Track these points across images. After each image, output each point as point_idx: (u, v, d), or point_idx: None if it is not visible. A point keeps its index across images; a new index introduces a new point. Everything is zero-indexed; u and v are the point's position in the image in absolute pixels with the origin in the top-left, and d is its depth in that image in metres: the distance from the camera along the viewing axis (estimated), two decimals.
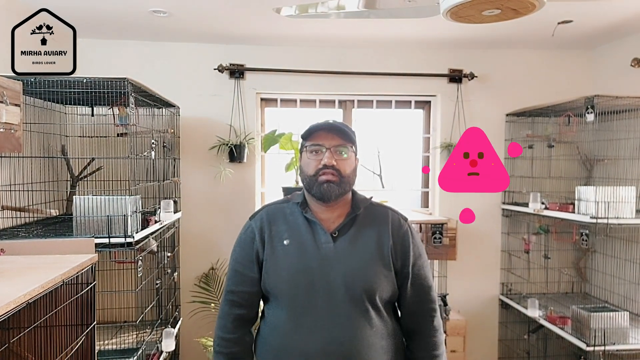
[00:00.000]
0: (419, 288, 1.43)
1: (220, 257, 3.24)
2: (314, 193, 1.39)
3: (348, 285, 1.33)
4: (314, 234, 1.40)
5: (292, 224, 1.44)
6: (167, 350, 2.53)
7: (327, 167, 1.37)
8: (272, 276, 1.39)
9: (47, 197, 2.56)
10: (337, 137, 1.40)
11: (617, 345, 2.56)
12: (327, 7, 1.72)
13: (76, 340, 1.56)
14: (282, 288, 1.37)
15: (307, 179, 1.42)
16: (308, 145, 1.42)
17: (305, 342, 1.32)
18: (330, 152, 1.38)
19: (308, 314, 1.34)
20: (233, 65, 3.22)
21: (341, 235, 1.40)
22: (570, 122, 3.08)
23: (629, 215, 2.55)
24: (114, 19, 2.72)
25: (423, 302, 1.44)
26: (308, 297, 1.34)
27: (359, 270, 1.35)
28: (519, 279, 3.42)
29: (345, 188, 1.40)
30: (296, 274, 1.36)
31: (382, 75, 3.33)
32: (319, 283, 1.34)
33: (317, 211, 1.43)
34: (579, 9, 2.54)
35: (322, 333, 1.31)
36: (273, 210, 1.50)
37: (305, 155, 1.43)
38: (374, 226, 1.43)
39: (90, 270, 1.60)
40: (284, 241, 1.41)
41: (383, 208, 1.51)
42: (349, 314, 1.33)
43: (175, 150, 3.06)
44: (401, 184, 3.54)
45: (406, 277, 1.42)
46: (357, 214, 1.44)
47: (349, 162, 1.41)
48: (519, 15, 1.48)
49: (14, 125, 1.88)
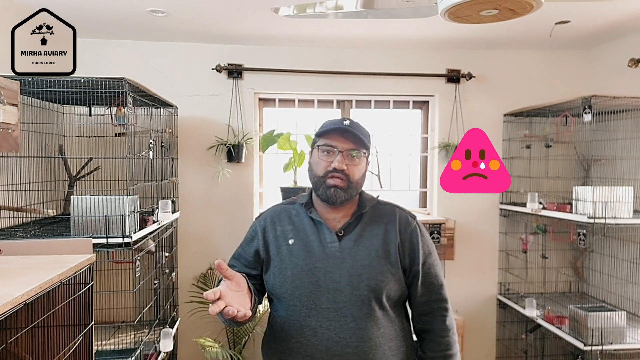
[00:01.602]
0: (430, 287, 1.41)
1: (219, 257, 3.22)
2: (320, 194, 1.38)
3: (353, 285, 1.32)
4: (320, 233, 1.39)
5: (297, 224, 1.43)
6: (165, 351, 2.52)
7: (336, 170, 1.35)
8: (277, 276, 1.37)
9: (44, 197, 2.55)
10: (351, 142, 1.37)
11: (615, 345, 2.57)
12: (325, 7, 1.72)
13: (74, 340, 1.56)
14: (286, 288, 1.35)
15: (315, 177, 1.40)
16: (321, 144, 1.40)
17: (310, 343, 1.30)
18: (342, 155, 1.36)
19: (313, 315, 1.32)
20: (231, 65, 3.22)
21: (347, 234, 1.39)
22: (568, 122, 3.09)
23: (626, 215, 2.56)
24: (111, 19, 2.72)
25: (434, 301, 1.42)
26: (313, 297, 1.32)
27: (365, 269, 1.33)
28: (516, 279, 3.42)
29: (352, 193, 1.39)
30: (301, 274, 1.34)
31: (380, 75, 3.33)
32: (324, 283, 1.32)
33: (323, 211, 1.42)
34: (576, 9, 2.54)
35: (327, 334, 1.30)
36: (279, 211, 1.49)
37: (316, 154, 1.41)
38: (380, 224, 1.41)
39: (88, 271, 1.60)
40: (289, 241, 1.39)
41: (390, 206, 1.49)
42: (354, 314, 1.31)
43: (173, 150, 3.06)
44: (399, 184, 3.54)
45: (416, 275, 1.40)
46: (363, 213, 1.42)
47: (360, 167, 1.39)
48: (516, 16, 1.48)
49: (12, 125, 1.87)
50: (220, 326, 3.19)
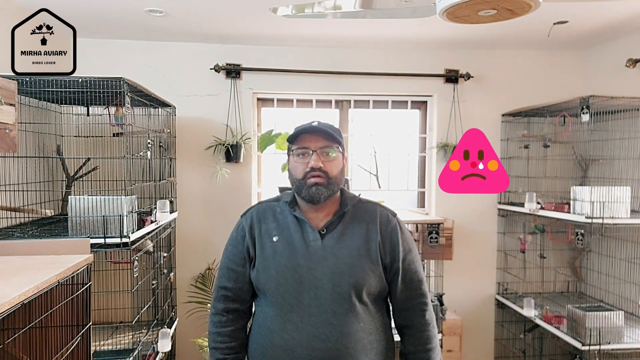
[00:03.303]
0: (410, 282, 1.45)
1: (217, 258, 3.23)
2: (304, 196, 1.41)
3: (335, 282, 1.35)
4: (303, 232, 1.42)
5: (281, 222, 1.46)
6: (163, 351, 2.52)
7: (314, 169, 1.38)
8: (262, 273, 1.41)
9: (42, 197, 2.55)
10: (322, 139, 1.41)
11: (612, 345, 2.57)
12: (324, 7, 1.72)
13: (72, 341, 1.55)
14: (270, 285, 1.39)
15: (295, 182, 1.44)
16: (294, 148, 1.44)
17: (292, 338, 1.33)
18: (316, 154, 1.39)
19: (295, 310, 1.35)
20: (229, 65, 3.22)
21: (329, 233, 1.42)
22: (566, 122, 3.10)
23: (623, 215, 2.57)
24: (109, 18, 2.71)
25: (414, 296, 1.45)
26: (296, 294, 1.35)
27: (346, 266, 1.37)
28: (514, 279, 3.43)
29: (334, 189, 1.42)
30: (284, 271, 1.37)
31: (379, 76, 3.33)
32: (306, 280, 1.35)
33: (306, 210, 1.45)
34: (574, 9, 2.55)
35: (309, 329, 1.33)
36: (264, 208, 1.52)
37: (293, 159, 1.45)
38: (362, 222, 1.44)
39: (86, 271, 1.59)
40: (273, 238, 1.42)
41: (371, 204, 1.52)
42: (335, 310, 1.34)
43: (172, 150, 3.06)
44: (397, 184, 3.54)
45: (396, 272, 1.43)
46: (345, 212, 1.45)
47: (336, 162, 1.43)
48: (514, 16, 1.49)
49: (9, 125, 1.87)
50: None
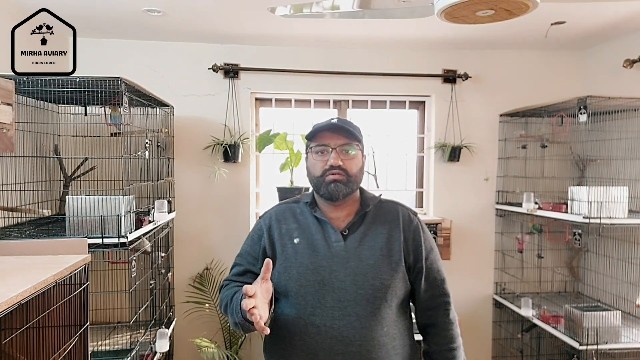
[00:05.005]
0: (433, 281, 1.43)
1: (215, 257, 3.23)
2: (322, 193, 1.39)
3: (358, 284, 1.32)
4: (324, 232, 1.39)
5: (302, 223, 1.43)
6: (161, 351, 2.52)
7: (333, 167, 1.36)
8: (283, 274, 1.38)
9: (39, 197, 2.54)
10: (342, 137, 1.39)
11: (610, 344, 2.58)
12: (322, 7, 1.72)
13: (69, 341, 1.55)
14: (292, 286, 1.36)
15: (314, 180, 1.41)
16: (313, 146, 1.41)
17: (314, 342, 1.31)
18: (336, 152, 1.37)
19: (317, 313, 1.32)
20: (227, 64, 3.22)
21: (351, 234, 1.40)
22: (563, 122, 3.10)
23: (621, 215, 2.57)
24: (107, 18, 2.71)
25: (437, 295, 1.44)
26: (318, 296, 1.33)
27: (370, 268, 1.34)
28: (512, 279, 3.44)
29: (353, 187, 1.40)
30: (306, 273, 1.34)
31: (377, 76, 3.33)
32: (329, 282, 1.33)
33: (327, 210, 1.43)
34: (571, 10, 2.56)
35: (331, 332, 1.30)
36: (283, 209, 1.50)
37: (311, 157, 1.42)
38: (384, 223, 1.42)
39: (84, 271, 1.59)
40: (294, 240, 1.40)
41: (392, 204, 1.50)
42: (358, 313, 1.31)
43: (170, 150, 3.05)
44: (396, 184, 3.54)
45: (420, 271, 1.41)
46: (366, 212, 1.43)
47: (356, 161, 1.40)
48: (512, 16, 1.49)
49: (6, 125, 1.86)
50: (216, 326, 3.18)
